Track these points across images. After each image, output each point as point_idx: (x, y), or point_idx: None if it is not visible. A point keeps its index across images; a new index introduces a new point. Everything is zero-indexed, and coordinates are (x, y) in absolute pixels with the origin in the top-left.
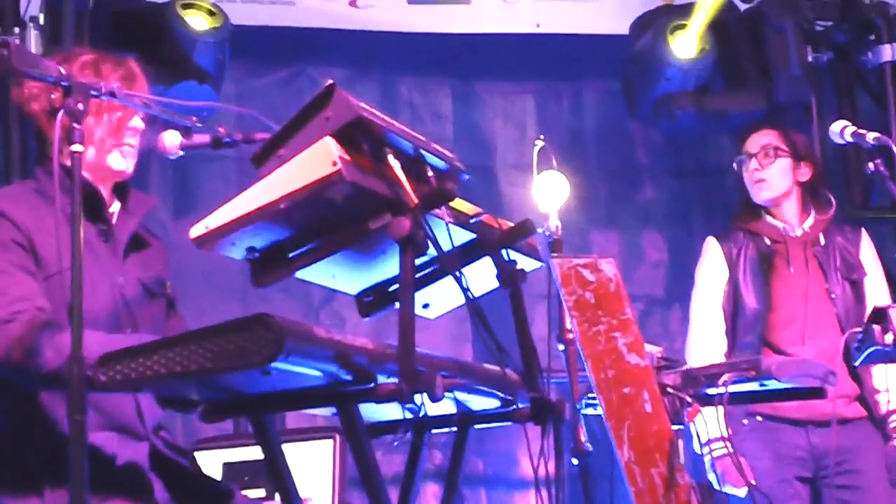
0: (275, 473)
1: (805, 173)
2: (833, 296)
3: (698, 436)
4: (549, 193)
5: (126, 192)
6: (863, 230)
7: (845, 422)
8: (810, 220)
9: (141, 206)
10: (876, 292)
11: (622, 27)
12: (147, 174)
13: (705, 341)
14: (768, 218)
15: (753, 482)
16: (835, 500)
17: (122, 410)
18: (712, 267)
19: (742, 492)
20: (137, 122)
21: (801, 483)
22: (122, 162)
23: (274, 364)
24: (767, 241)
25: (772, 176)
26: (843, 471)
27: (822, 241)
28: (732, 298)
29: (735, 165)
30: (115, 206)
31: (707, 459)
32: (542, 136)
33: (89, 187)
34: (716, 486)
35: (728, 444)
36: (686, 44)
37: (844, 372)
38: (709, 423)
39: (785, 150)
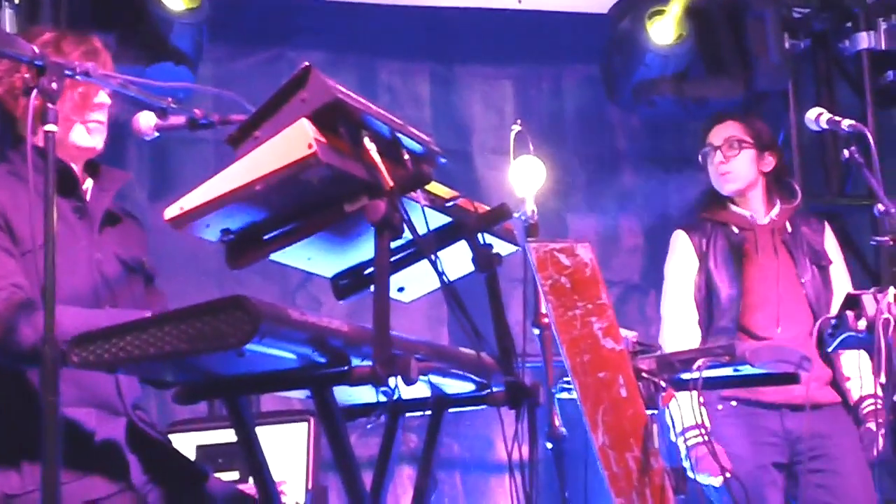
0: (249, 456)
1: (769, 163)
2: (803, 280)
3: (673, 424)
4: (525, 178)
5: (97, 169)
6: (825, 223)
7: (819, 406)
8: (776, 210)
9: (114, 181)
10: (840, 281)
11: (603, 6)
12: (124, 156)
13: (679, 334)
14: (734, 207)
15: (729, 473)
16: (811, 485)
17: (102, 386)
18: (682, 259)
19: (717, 481)
20: (103, 97)
21: (777, 469)
22: (87, 138)
23: (249, 346)
24: (735, 230)
25: (737, 168)
26: (816, 455)
27: (790, 229)
28: (705, 287)
29: (700, 158)
30: (89, 183)
31: (683, 448)
32: (519, 121)
33: (61, 164)
34: (691, 475)
35: (703, 431)
36: (664, 29)
37: (817, 356)
38: (684, 411)
39: (749, 142)
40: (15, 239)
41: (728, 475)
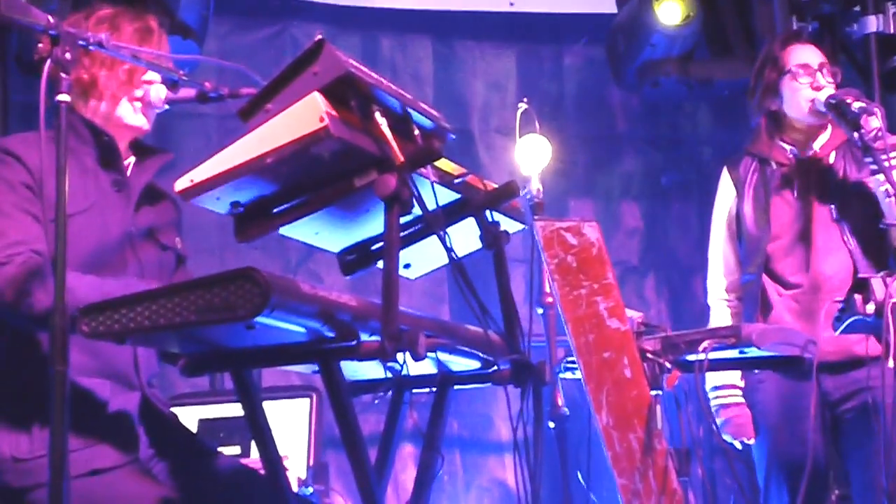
0: (255, 429)
1: None
2: (839, 219)
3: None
4: (531, 156)
5: (141, 148)
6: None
7: (860, 363)
8: (826, 136)
9: (156, 160)
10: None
11: (604, 6)
12: None
13: (717, 276)
14: (779, 141)
15: (751, 441)
16: (845, 435)
17: (120, 359)
18: (722, 197)
19: (738, 444)
20: (152, 74)
21: (816, 433)
22: (134, 116)
23: (258, 319)
24: (774, 165)
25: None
26: (854, 406)
27: (832, 160)
28: (737, 227)
29: (788, 78)
30: (130, 160)
31: (714, 404)
32: (525, 99)
33: (105, 137)
34: (722, 436)
35: (739, 393)
36: (671, 10)
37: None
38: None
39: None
40: (46, 204)
41: (750, 441)
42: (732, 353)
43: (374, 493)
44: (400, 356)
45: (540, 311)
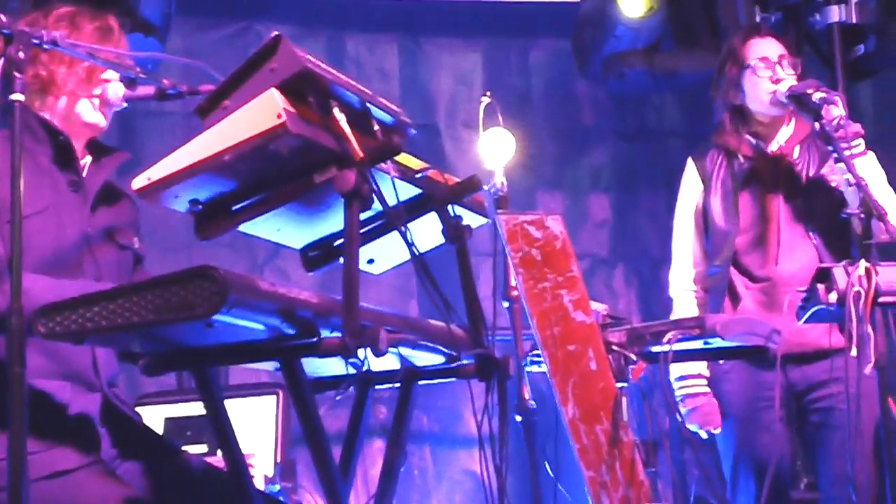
0: (217, 428)
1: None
2: (804, 213)
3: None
4: (495, 150)
5: (98, 147)
6: None
7: (825, 354)
8: (789, 131)
9: (112, 160)
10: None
11: None
12: None
13: (683, 267)
14: (744, 135)
15: (717, 430)
16: (811, 426)
17: (78, 360)
18: (688, 188)
19: (704, 433)
20: (110, 72)
21: (782, 422)
22: (93, 114)
23: (217, 317)
24: (741, 159)
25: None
26: (822, 407)
27: (796, 155)
28: (703, 220)
29: (749, 72)
30: (87, 160)
31: (679, 393)
32: (488, 93)
33: (61, 137)
34: (688, 425)
35: (704, 382)
36: (634, 2)
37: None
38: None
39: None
40: (0, 207)
41: (716, 430)
42: (697, 344)
43: (339, 491)
44: (361, 352)
45: (506, 304)
